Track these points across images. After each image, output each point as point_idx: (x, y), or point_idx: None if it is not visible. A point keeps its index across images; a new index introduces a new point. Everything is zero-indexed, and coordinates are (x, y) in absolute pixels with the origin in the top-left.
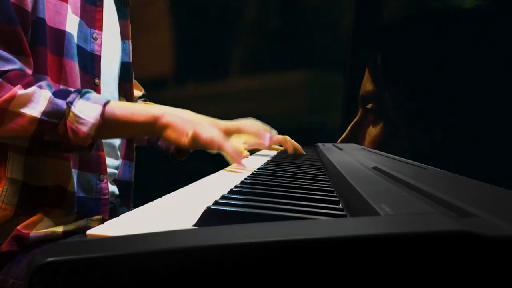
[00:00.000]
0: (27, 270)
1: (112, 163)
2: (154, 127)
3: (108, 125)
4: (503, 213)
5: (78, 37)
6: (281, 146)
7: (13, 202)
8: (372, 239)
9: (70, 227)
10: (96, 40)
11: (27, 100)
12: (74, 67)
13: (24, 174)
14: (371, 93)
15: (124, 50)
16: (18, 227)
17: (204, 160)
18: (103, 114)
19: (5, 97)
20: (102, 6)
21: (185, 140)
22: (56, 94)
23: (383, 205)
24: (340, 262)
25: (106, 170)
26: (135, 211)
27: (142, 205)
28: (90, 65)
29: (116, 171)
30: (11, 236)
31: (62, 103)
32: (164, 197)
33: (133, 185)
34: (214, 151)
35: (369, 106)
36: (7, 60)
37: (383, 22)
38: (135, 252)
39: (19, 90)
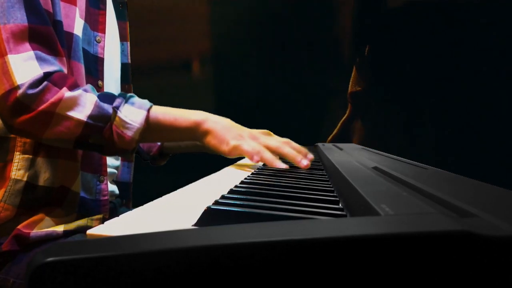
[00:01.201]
0: (27, 270)
1: (112, 163)
2: (195, 133)
3: (151, 129)
4: (503, 213)
5: (83, 39)
6: None
7: (15, 202)
8: (372, 239)
9: (71, 226)
10: (99, 42)
11: (74, 103)
12: (80, 69)
13: (29, 174)
14: (359, 90)
15: (123, 52)
16: (18, 227)
17: (204, 160)
18: (147, 119)
19: (52, 100)
20: (105, 9)
21: (225, 148)
22: (102, 98)
23: (383, 205)
24: (340, 262)
25: (106, 171)
26: (135, 211)
27: (142, 205)
28: (94, 67)
29: (115, 171)
30: (11, 236)
31: (108, 107)
32: (164, 197)
33: (131, 186)
34: (254, 162)
35: (357, 102)
36: (47, 61)
37: (373, 19)
38: (135, 252)
39: (66, 93)
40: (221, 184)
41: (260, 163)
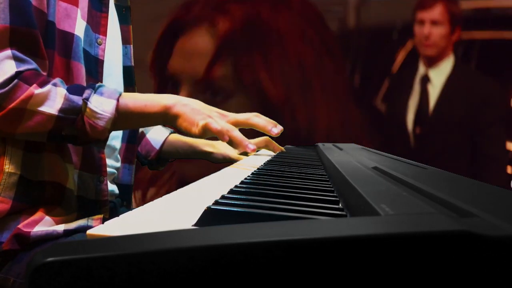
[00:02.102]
0: (27, 270)
1: (112, 164)
2: (166, 117)
3: (122, 117)
4: (503, 213)
5: (84, 41)
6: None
7: (10, 195)
8: (372, 239)
9: (71, 226)
10: (100, 44)
11: (44, 99)
12: (81, 69)
13: (21, 168)
14: None
15: (125, 55)
16: (19, 226)
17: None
18: (117, 108)
19: (22, 97)
20: (107, 12)
21: (195, 129)
22: (71, 90)
23: (383, 205)
24: (340, 262)
25: (106, 172)
26: (135, 211)
27: (142, 205)
28: (94, 69)
29: (115, 171)
30: (12, 235)
31: (78, 99)
32: (164, 197)
33: (132, 188)
34: (224, 141)
35: None
36: (23, 61)
37: None
38: (135, 252)
39: (35, 90)
40: (221, 184)
41: (261, 163)
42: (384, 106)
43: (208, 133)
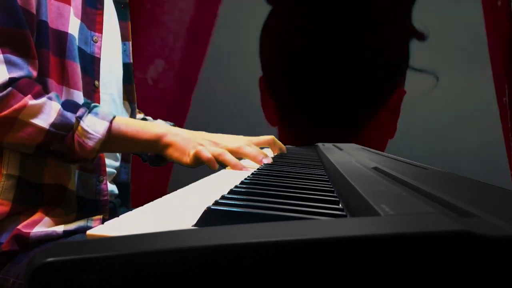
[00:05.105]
0: (26, 270)
1: (111, 164)
2: (157, 146)
3: (113, 140)
4: (503, 213)
5: (79, 39)
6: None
7: (10, 197)
8: (372, 239)
9: (71, 226)
10: (96, 42)
11: (37, 111)
12: (76, 68)
13: (20, 170)
14: None
15: (124, 52)
16: (18, 226)
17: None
18: (109, 130)
19: (15, 106)
20: (102, 9)
21: (186, 159)
22: (65, 106)
23: (383, 205)
24: (340, 262)
25: (105, 171)
26: (135, 211)
27: (141, 205)
28: (90, 67)
29: (115, 171)
30: (11, 236)
31: (71, 116)
32: (164, 197)
33: (130, 186)
34: (213, 168)
35: None
36: (15, 65)
37: None
38: (135, 252)
39: (30, 101)
40: (221, 184)
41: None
42: None
43: (199, 162)
